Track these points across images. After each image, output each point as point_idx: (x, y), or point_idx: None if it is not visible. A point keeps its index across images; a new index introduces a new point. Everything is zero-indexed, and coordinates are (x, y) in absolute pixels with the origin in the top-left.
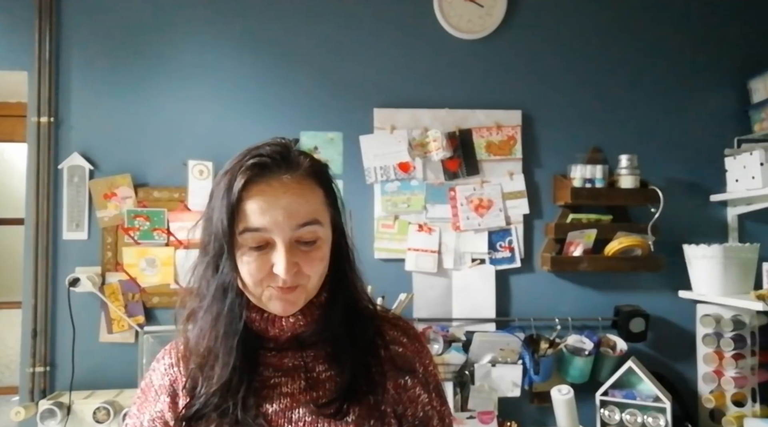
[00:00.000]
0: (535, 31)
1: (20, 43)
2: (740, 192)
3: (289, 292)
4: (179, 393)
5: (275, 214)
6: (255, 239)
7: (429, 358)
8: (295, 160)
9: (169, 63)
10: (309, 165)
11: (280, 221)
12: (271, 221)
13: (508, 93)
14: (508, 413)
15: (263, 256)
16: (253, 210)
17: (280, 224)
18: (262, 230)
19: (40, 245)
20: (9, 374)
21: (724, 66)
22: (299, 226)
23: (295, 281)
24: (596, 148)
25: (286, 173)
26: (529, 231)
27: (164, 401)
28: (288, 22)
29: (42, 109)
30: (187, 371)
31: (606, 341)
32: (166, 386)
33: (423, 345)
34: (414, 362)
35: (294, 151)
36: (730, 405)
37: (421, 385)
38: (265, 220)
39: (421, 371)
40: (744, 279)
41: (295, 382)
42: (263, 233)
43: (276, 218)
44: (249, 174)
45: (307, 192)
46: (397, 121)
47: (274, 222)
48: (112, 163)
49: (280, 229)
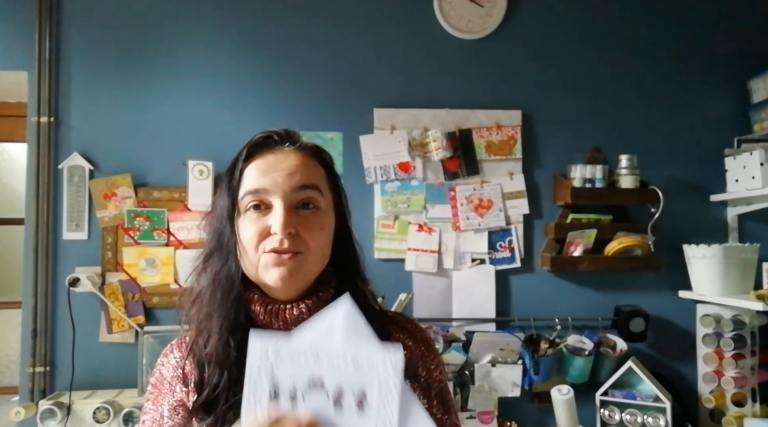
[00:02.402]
0: (535, 31)
1: (20, 43)
2: (740, 192)
3: (286, 259)
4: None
5: (275, 176)
6: (254, 200)
7: (435, 362)
8: (299, 138)
9: (169, 63)
10: (313, 146)
11: (279, 182)
12: (270, 181)
13: (508, 93)
14: (508, 413)
15: (262, 218)
16: (253, 174)
17: (279, 184)
18: (262, 191)
19: (40, 245)
20: (9, 374)
21: (724, 66)
22: (299, 187)
23: (293, 245)
24: (596, 148)
25: (290, 146)
26: (529, 231)
27: (182, 391)
28: (288, 22)
29: (42, 109)
30: (195, 364)
31: (606, 341)
32: (180, 376)
33: (430, 349)
34: (417, 366)
35: (299, 134)
36: (730, 405)
37: (422, 390)
38: (264, 181)
39: (423, 376)
40: (744, 279)
41: None
42: (263, 194)
43: (275, 179)
44: (252, 146)
45: (309, 163)
46: (397, 121)
47: (273, 182)
48: (112, 163)
49: (278, 189)
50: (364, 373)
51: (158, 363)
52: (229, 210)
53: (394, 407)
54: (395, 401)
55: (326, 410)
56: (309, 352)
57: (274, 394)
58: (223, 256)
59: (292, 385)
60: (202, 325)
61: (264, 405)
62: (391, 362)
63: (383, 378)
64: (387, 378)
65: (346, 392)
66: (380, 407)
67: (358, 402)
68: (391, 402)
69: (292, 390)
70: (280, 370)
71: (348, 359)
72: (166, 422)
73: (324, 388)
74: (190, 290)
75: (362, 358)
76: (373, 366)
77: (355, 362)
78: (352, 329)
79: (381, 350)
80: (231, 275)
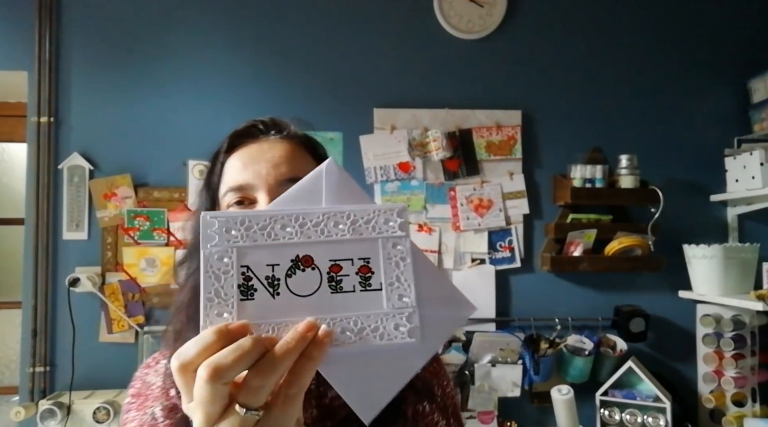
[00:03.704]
0: (535, 31)
1: (20, 43)
2: (740, 192)
3: None
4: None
5: (259, 168)
6: (237, 197)
7: (447, 379)
8: (286, 127)
9: (169, 63)
10: (303, 135)
11: (263, 174)
12: (253, 174)
13: (508, 93)
14: (508, 413)
15: None
16: (235, 167)
17: (263, 177)
18: (245, 186)
19: (40, 245)
20: (9, 374)
21: (724, 66)
22: (285, 180)
23: None
24: (596, 148)
25: (276, 135)
26: (529, 231)
27: (177, 395)
28: (288, 22)
29: (42, 109)
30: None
31: (606, 341)
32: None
33: (440, 365)
34: (432, 385)
35: (288, 123)
36: (730, 405)
37: (440, 410)
38: (247, 174)
39: (439, 395)
40: (744, 279)
41: (306, 410)
42: (246, 190)
43: (259, 171)
44: (235, 136)
45: (297, 154)
46: (397, 121)
47: (257, 175)
48: (112, 163)
49: (263, 182)
50: (364, 236)
51: (139, 375)
52: (209, 208)
53: (409, 273)
54: (409, 266)
55: (322, 296)
56: (291, 220)
57: (246, 289)
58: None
59: (269, 271)
60: (180, 335)
61: (234, 308)
62: (397, 215)
63: (389, 239)
64: (395, 238)
65: (345, 267)
66: (391, 276)
67: (361, 277)
68: (405, 268)
69: (270, 278)
70: (252, 252)
71: (341, 220)
72: (163, 422)
73: (315, 266)
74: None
75: (359, 217)
76: (374, 225)
77: (352, 223)
78: (340, 188)
79: (381, 205)
80: None
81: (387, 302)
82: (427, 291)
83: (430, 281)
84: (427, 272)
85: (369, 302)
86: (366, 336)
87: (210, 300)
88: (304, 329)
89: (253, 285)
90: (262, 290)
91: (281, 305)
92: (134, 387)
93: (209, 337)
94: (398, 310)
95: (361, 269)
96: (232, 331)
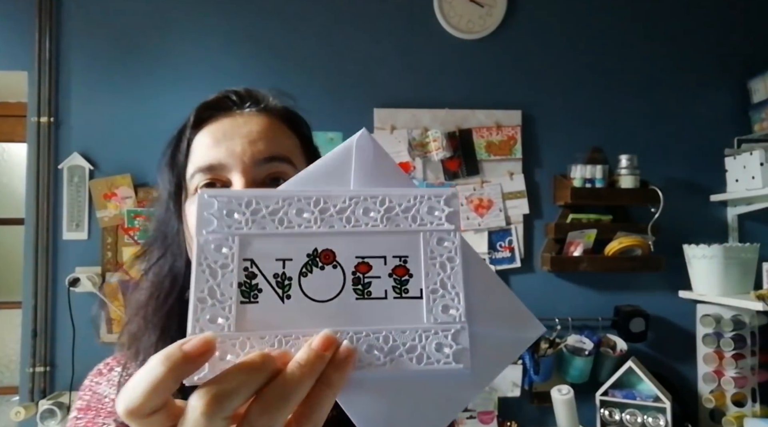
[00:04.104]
0: (535, 31)
1: (20, 43)
2: (740, 192)
3: None
4: None
5: (232, 145)
6: (207, 178)
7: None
8: (264, 98)
9: (169, 63)
10: (283, 108)
11: (238, 152)
12: (226, 152)
13: (508, 93)
14: (508, 413)
15: None
16: (205, 143)
17: (238, 155)
18: (216, 166)
19: (40, 245)
20: (9, 374)
21: (724, 66)
22: (263, 159)
23: None
24: (596, 148)
25: (252, 107)
26: (529, 231)
27: None
28: (288, 22)
29: (42, 109)
30: None
31: (606, 341)
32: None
33: None
34: None
35: (264, 93)
36: (730, 405)
37: None
38: (219, 152)
39: None
40: (744, 279)
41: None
42: (218, 170)
43: (233, 149)
44: (204, 108)
45: (277, 129)
46: (397, 121)
47: (231, 153)
48: (112, 163)
49: (238, 161)
50: (402, 228)
51: (88, 384)
52: (173, 192)
53: (458, 278)
54: (458, 269)
55: (344, 303)
56: (310, 204)
57: (249, 288)
58: (161, 251)
59: (279, 267)
60: (134, 344)
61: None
62: (445, 203)
63: (433, 232)
64: (441, 232)
65: (375, 266)
66: (434, 280)
67: (396, 280)
68: (453, 271)
69: (279, 277)
70: (259, 243)
71: (372, 207)
72: None
73: (337, 264)
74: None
75: (396, 203)
76: (414, 214)
77: (386, 210)
78: (374, 167)
79: (424, 189)
80: (171, 274)
81: (428, 315)
82: (482, 303)
83: (485, 289)
84: (481, 278)
85: (404, 313)
86: (399, 358)
87: (202, 301)
88: (321, 345)
89: (258, 284)
90: (269, 292)
91: (291, 311)
92: (83, 399)
93: (158, 369)
94: (442, 325)
95: (396, 269)
96: (189, 354)
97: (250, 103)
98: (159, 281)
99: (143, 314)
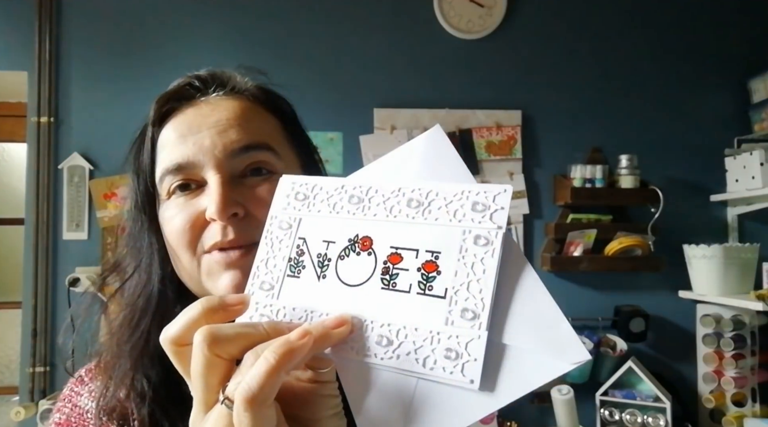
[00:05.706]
0: (535, 31)
1: (20, 43)
2: (740, 192)
3: (237, 258)
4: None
5: (200, 138)
6: (178, 180)
7: None
8: (230, 79)
9: (169, 63)
10: (254, 88)
11: (207, 146)
12: (195, 148)
13: (508, 93)
14: (508, 413)
15: (192, 201)
16: (170, 140)
17: (208, 149)
18: (185, 165)
19: (40, 245)
20: (9, 374)
21: (724, 66)
22: (239, 150)
23: (242, 234)
24: (596, 148)
25: (218, 91)
26: (529, 231)
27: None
28: (288, 22)
29: (42, 109)
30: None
31: (606, 341)
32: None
33: None
34: None
35: (231, 73)
36: (730, 405)
37: None
38: (187, 149)
39: None
40: (744, 279)
41: None
42: (188, 170)
43: (202, 143)
44: (163, 101)
45: (250, 113)
46: (397, 121)
47: (200, 148)
48: (112, 163)
49: (209, 156)
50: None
51: (68, 394)
52: (143, 201)
53: (489, 282)
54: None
55: (369, 290)
56: (363, 192)
57: (296, 264)
58: (132, 268)
59: (323, 248)
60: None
61: (279, 283)
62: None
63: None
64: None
65: (406, 258)
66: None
67: (423, 275)
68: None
69: (321, 257)
70: (313, 224)
71: (415, 197)
72: None
73: (372, 251)
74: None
75: (440, 196)
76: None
77: (429, 203)
78: (439, 164)
79: (475, 184)
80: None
81: (446, 317)
82: (517, 315)
83: (524, 301)
84: (522, 287)
85: (424, 310)
86: (405, 356)
87: (258, 268)
88: (333, 323)
89: (303, 262)
90: (310, 269)
91: (323, 290)
92: (62, 412)
93: (196, 308)
94: (458, 331)
95: (426, 264)
96: (225, 304)
97: (215, 86)
98: (133, 301)
99: (116, 341)
